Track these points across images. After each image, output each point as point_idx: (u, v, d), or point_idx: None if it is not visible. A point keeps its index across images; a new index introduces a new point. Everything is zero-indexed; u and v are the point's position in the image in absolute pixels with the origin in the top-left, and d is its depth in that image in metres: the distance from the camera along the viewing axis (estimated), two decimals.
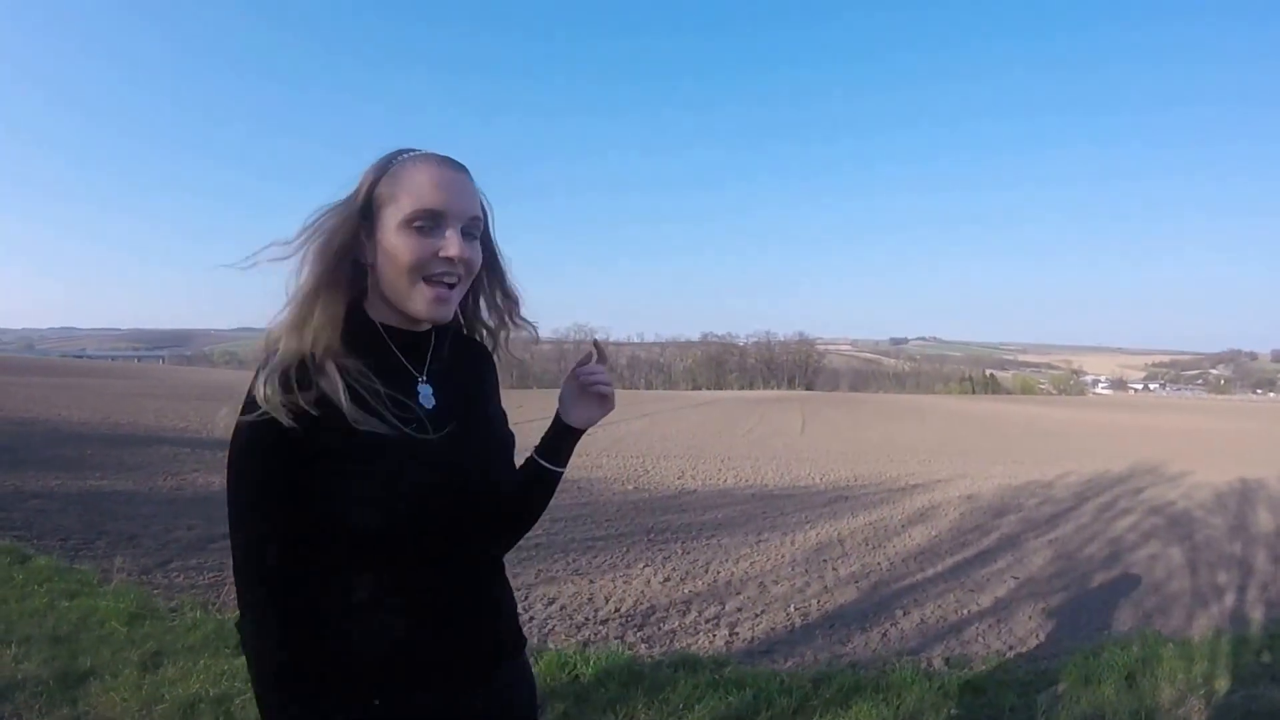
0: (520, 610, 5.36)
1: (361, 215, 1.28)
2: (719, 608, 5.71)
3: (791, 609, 5.69)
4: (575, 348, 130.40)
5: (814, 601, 5.91)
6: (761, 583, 6.43)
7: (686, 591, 6.14)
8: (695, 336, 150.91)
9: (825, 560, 7.26)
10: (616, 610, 5.60)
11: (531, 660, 4.12)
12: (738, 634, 5.12)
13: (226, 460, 1.24)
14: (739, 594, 6.09)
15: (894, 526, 9.00)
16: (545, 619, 5.40)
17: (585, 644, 4.80)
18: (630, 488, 12.05)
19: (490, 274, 1.43)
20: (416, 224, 1.24)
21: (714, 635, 5.07)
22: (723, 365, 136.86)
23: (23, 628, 4.37)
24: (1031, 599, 6.06)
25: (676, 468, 14.82)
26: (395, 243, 1.25)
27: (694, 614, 5.55)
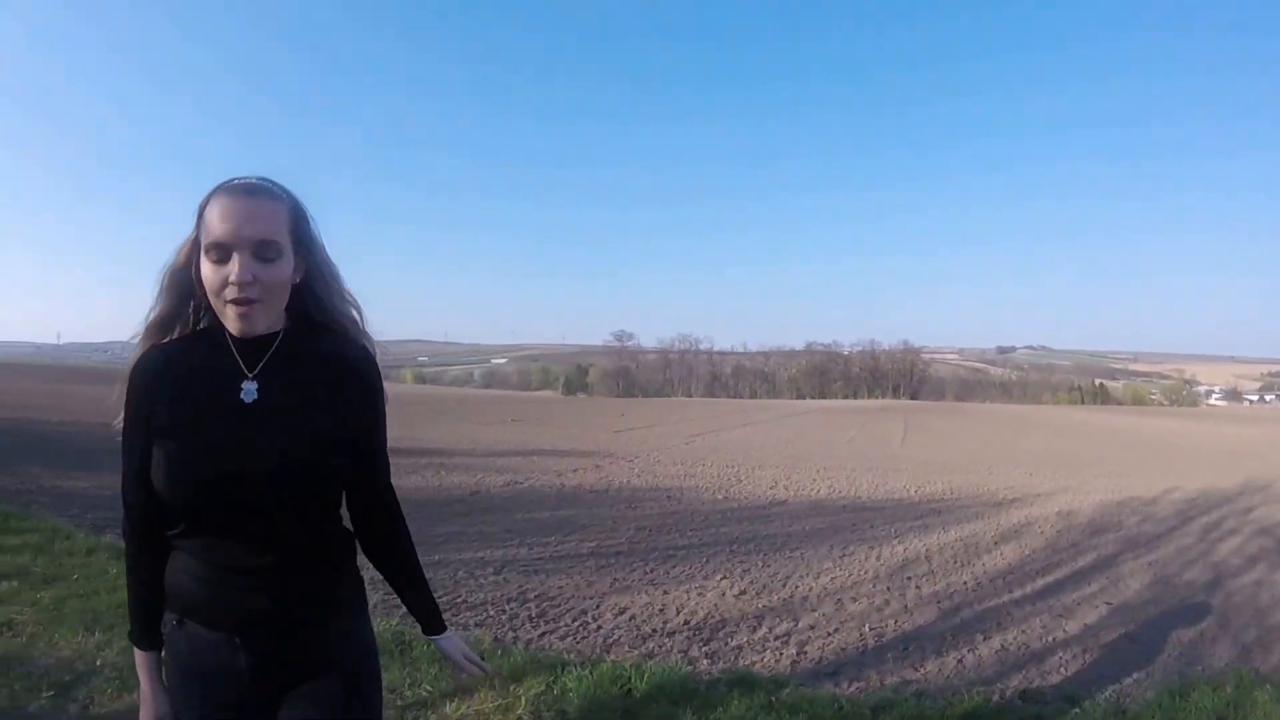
0: (588, 620, 5.31)
1: (196, 248, 1.50)
2: (791, 624, 5.49)
3: (866, 628, 5.41)
4: (680, 358, 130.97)
5: (890, 621, 5.62)
6: (839, 599, 6.17)
7: (760, 606, 5.94)
8: (799, 345, 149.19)
9: (909, 577, 6.93)
10: (686, 623, 5.45)
11: (587, 671, 4.03)
12: (806, 653, 4.90)
13: None
14: (814, 610, 5.85)
15: (985, 543, 8.56)
16: (612, 629, 5.28)
17: (647, 656, 4.67)
18: (720, 497, 11.87)
19: (320, 276, 1.60)
20: (211, 256, 1.43)
21: (781, 653, 4.86)
22: (827, 374, 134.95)
23: (108, 618, 4.49)
24: (1122, 627, 5.60)
25: (770, 477, 14.53)
26: (204, 272, 1.45)
27: (764, 630, 5.34)
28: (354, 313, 1.67)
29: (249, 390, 1.48)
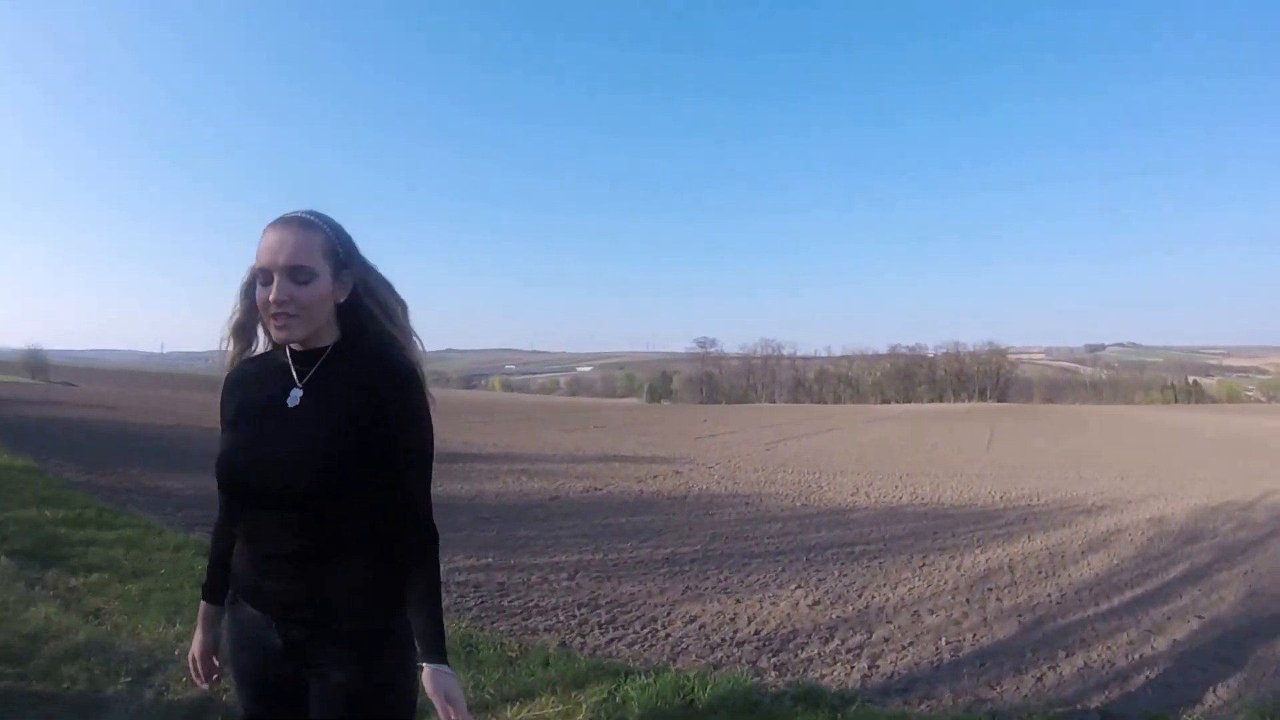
0: (657, 627, 5.21)
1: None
2: (864, 636, 5.30)
3: (942, 642, 5.18)
4: (763, 363, 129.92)
5: (969, 635, 5.36)
6: (915, 611, 5.94)
7: (834, 616, 5.76)
8: (883, 349, 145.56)
9: (990, 589, 6.64)
10: (756, 633, 5.31)
11: (650, 680, 3.93)
12: (878, 667, 4.71)
13: None
14: (889, 622, 5.65)
15: (1072, 553, 8.17)
16: (680, 637, 5.18)
17: (714, 666, 4.55)
18: (799, 504, 11.66)
19: (365, 294, 1.75)
20: (259, 280, 1.66)
21: (852, 666, 4.69)
22: (911, 378, 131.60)
23: (190, 611, 4.56)
24: (1215, 644, 5.23)
25: (851, 484, 14.23)
26: (256, 293, 1.67)
27: (836, 642, 5.17)
28: (400, 326, 1.79)
29: (294, 396, 1.67)
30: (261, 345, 1.81)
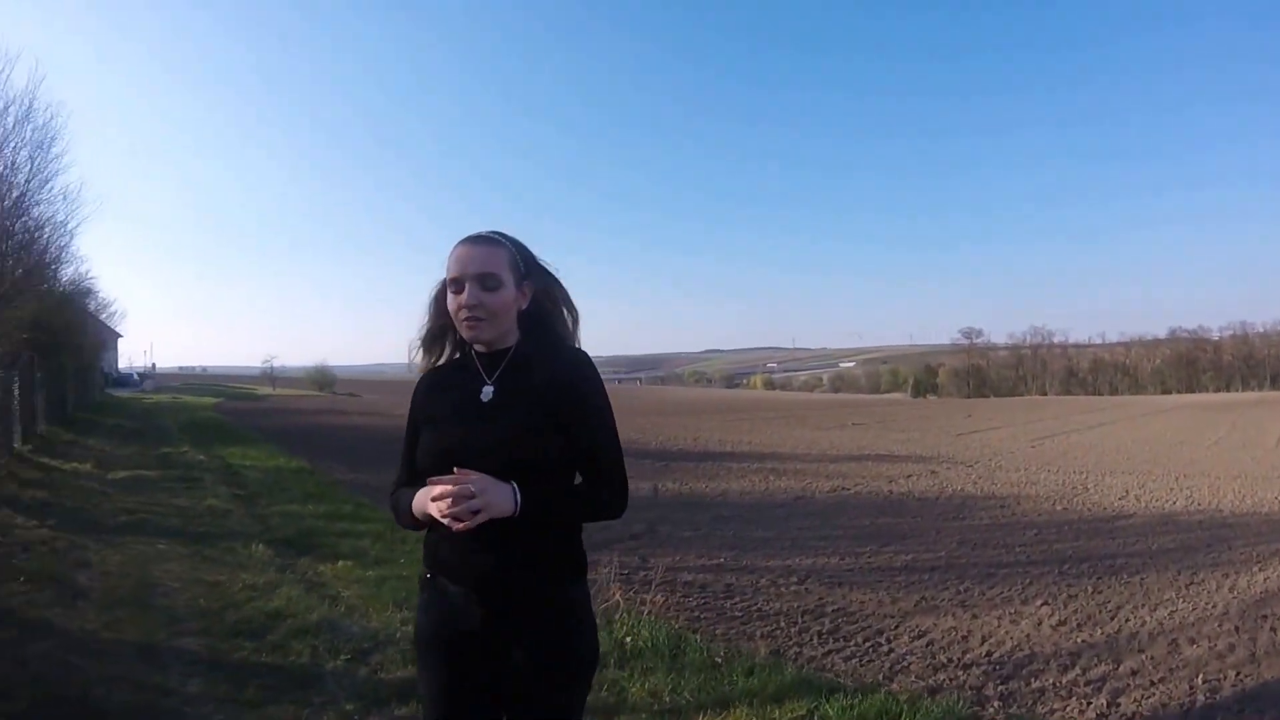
0: (881, 641, 4.86)
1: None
2: (1110, 667, 4.62)
3: (1199, 680, 4.39)
4: (1033, 353, 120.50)
5: (1232, 673, 4.52)
6: (1174, 639, 5.13)
7: (1079, 641, 5.11)
8: (1162, 333, 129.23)
9: (1265, 616, 5.62)
10: (988, 654, 4.82)
11: (856, 699, 3.65)
12: (1117, 705, 4.06)
13: None
14: (1141, 651, 4.91)
15: None
16: (904, 655, 4.79)
17: (932, 690, 4.16)
18: (1059, 508, 10.64)
19: (545, 301, 1.91)
20: (451, 289, 1.82)
21: (1088, 703, 4.07)
22: (1194, 365, 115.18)
23: (414, 601, 4.86)
24: None
25: (1120, 486, 12.80)
26: (447, 302, 1.83)
27: (1076, 671, 4.54)
28: (571, 328, 1.95)
29: (487, 392, 1.83)
30: (445, 356, 1.98)
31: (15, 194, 12.41)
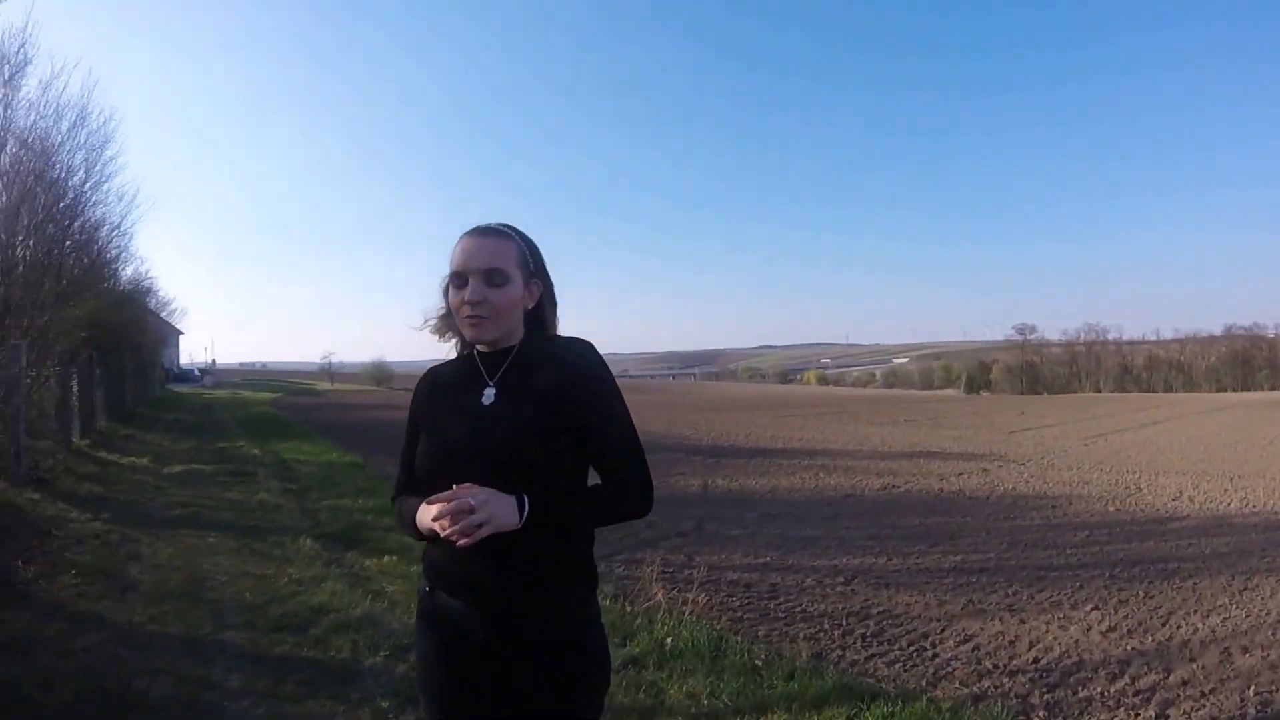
0: (926, 645, 4.80)
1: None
2: (1159, 676, 4.49)
3: (1250, 691, 4.24)
4: (1087, 348, 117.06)
5: None
6: (1226, 648, 4.96)
7: (1128, 648, 4.97)
8: (1217, 329, 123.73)
9: None
10: (1035, 661, 4.73)
11: (897, 707, 3.62)
12: (1166, 717, 3.96)
13: None
14: (1192, 660, 4.76)
15: None
16: (949, 659, 4.72)
17: (976, 698, 4.10)
18: (1112, 508, 10.37)
19: (550, 301, 1.84)
20: (454, 282, 1.73)
21: (1135, 714, 3.97)
22: (1249, 363, 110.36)
23: None
24: None
25: (1174, 486, 12.38)
26: (450, 297, 1.76)
27: (1125, 681, 4.43)
28: (583, 341, 1.84)
29: (488, 394, 1.73)
30: (445, 354, 1.91)
31: (71, 196, 12.84)
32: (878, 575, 6.73)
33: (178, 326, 51.32)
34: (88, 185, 13.47)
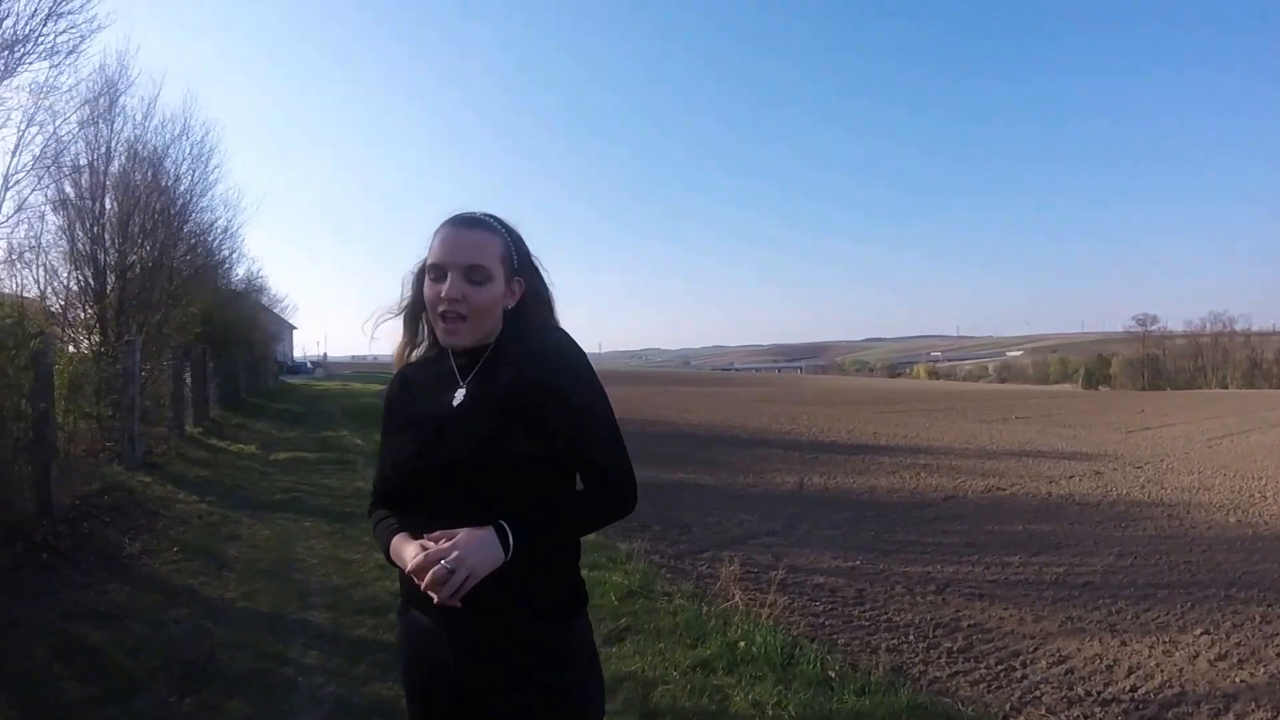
0: (1015, 665, 4.50)
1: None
2: (1268, 714, 4.06)
3: None
4: (1213, 341, 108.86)
5: None
6: None
7: (1237, 680, 4.53)
8: None
9: None
10: (1133, 689, 4.37)
11: None
12: None
13: None
14: None
15: None
16: (1038, 682, 4.42)
17: None
18: (1233, 519, 9.62)
19: (534, 299, 1.66)
20: (430, 275, 1.57)
21: None
22: None
23: None
24: None
25: None
26: (425, 290, 1.58)
27: (1229, 717, 4.04)
28: (560, 332, 1.68)
29: (459, 396, 1.58)
30: (424, 340, 1.73)
31: (179, 203, 13.79)
32: (972, 585, 6.41)
33: (290, 321, 53.60)
34: (194, 192, 14.59)
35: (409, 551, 1.44)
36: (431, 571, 1.35)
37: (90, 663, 3.92)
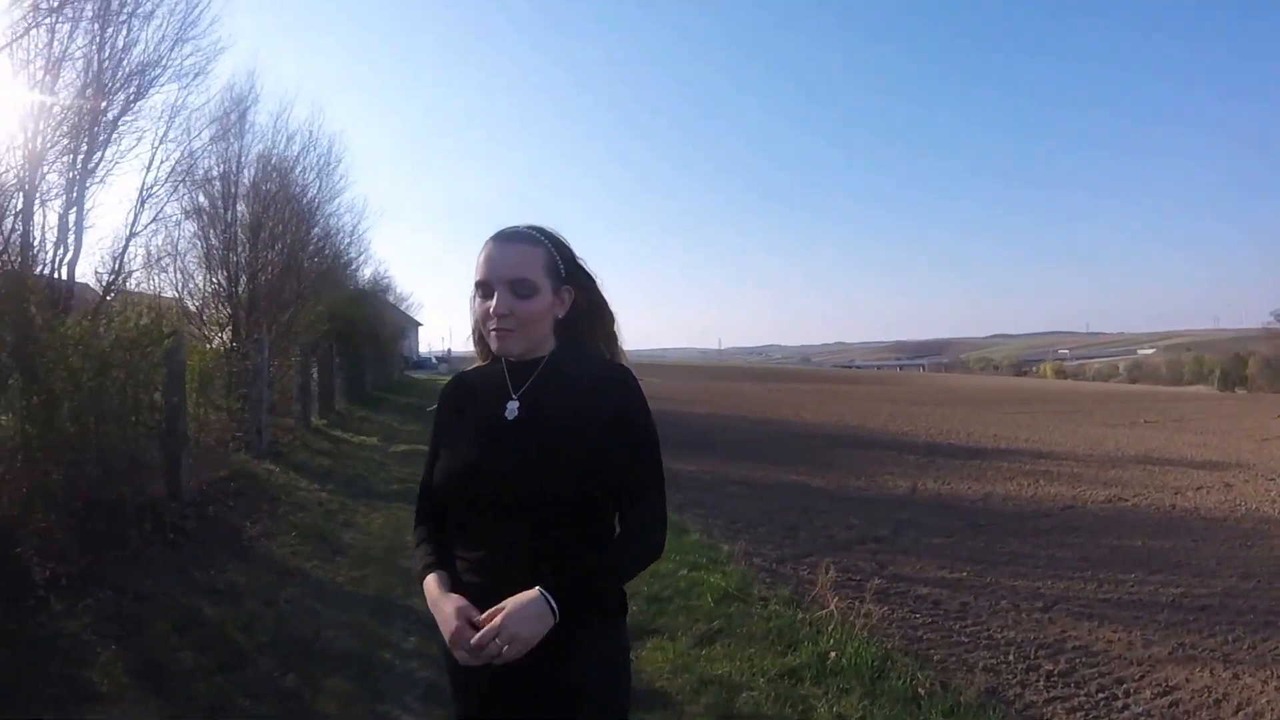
0: (1117, 693, 4.37)
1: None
2: None
3: None
4: None
5: None
6: None
7: None
8: None
9: None
10: None
11: None
12: None
13: None
14: None
15: None
16: (1138, 714, 4.22)
17: None
18: None
19: (587, 308, 1.69)
20: (479, 293, 1.60)
21: None
22: None
23: (632, 585, 5.07)
24: None
25: None
26: (474, 306, 1.63)
27: None
28: (609, 335, 1.74)
29: (511, 409, 1.60)
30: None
31: (306, 210, 14.57)
32: (1083, 603, 6.16)
33: (416, 319, 54.98)
34: (321, 199, 15.49)
35: (447, 609, 1.49)
36: (487, 650, 1.40)
37: (205, 635, 4.25)
